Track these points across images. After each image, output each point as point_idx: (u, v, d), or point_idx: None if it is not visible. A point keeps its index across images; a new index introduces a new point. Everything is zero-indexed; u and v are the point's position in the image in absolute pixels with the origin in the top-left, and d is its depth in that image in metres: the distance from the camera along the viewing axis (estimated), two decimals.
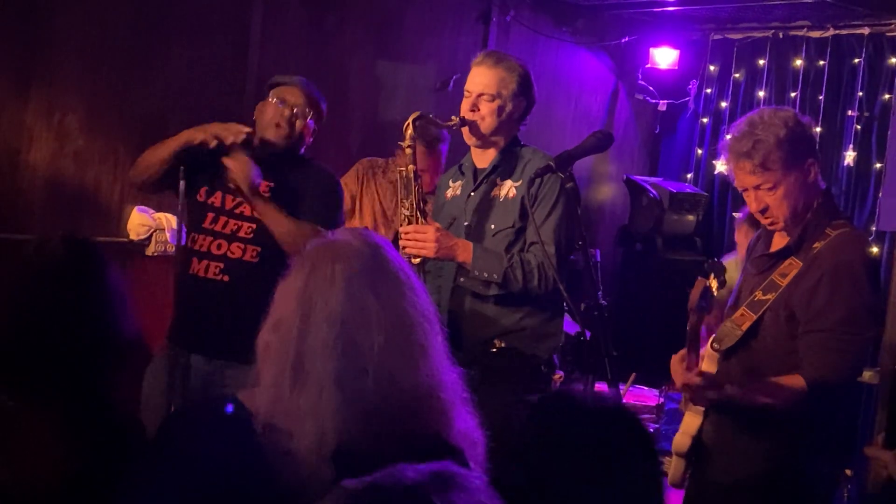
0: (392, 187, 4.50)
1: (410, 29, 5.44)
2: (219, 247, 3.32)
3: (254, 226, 3.31)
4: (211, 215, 3.34)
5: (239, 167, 3.20)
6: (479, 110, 3.23)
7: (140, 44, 4.58)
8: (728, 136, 2.79)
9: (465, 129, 3.27)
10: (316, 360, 1.64)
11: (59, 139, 4.42)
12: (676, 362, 2.72)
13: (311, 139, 3.45)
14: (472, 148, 3.35)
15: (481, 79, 3.25)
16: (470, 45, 5.62)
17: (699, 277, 2.67)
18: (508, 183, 3.23)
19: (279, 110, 3.33)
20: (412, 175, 3.22)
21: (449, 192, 3.42)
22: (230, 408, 1.68)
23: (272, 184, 3.33)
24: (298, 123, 3.36)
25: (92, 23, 4.43)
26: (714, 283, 2.63)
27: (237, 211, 3.34)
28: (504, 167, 3.26)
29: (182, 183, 3.23)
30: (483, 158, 3.32)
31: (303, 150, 3.44)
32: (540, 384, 3.29)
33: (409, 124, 3.26)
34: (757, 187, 2.71)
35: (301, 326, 1.67)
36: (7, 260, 4.06)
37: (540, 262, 3.10)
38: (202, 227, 3.34)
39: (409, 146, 3.24)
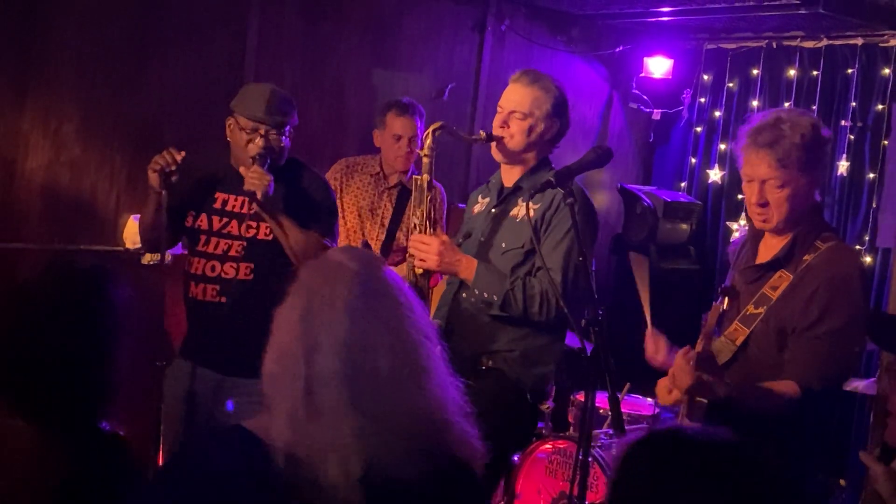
0: (373, 181, 4.55)
1: (406, 37, 5.44)
2: (212, 268, 3.35)
3: (243, 243, 3.34)
4: (203, 238, 3.37)
5: (255, 177, 3.19)
6: (508, 127, 3.20)
7: (136, 52, 4.58)
8: (748, 126, 2.75)
9: (492, 145, 3.24)
10: (327, 388, 1.63)
11: (56, 148, 4.42)
12: (682, 358, 2.62)
13: (290, 141, 3.43)
14: (502, 165, 3.32)
15: (515, 96, 3.22)
16: (465, 54, 5.65)
17: (714, 303, 2.68)
18: (528, 203, 3.14)
19: (252, 142, 3.28)
20: (426, 185, 3.20)
21: (476, 208, 3.40)
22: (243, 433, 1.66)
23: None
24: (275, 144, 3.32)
25: (88, 31, 4.43)
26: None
27: (225, 230, 3.36)
28: (527, 187, 3.21)
29: (164, 193, 3.20)
30: (510, 176, 3.30)
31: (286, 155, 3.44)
32: (520, 413, 3.27)
33: (428, 134, 3.23)
34: (764, 181, 2.69)
35: (307, 355, 1.65)
36: (3, 268, 4.07)
37: (544, 289, 3.07)
38: (196, 249, 3.38)
39: (426, 155, 3.23)
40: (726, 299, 2.70)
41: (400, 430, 1.64)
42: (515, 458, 4.08)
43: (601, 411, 4.14)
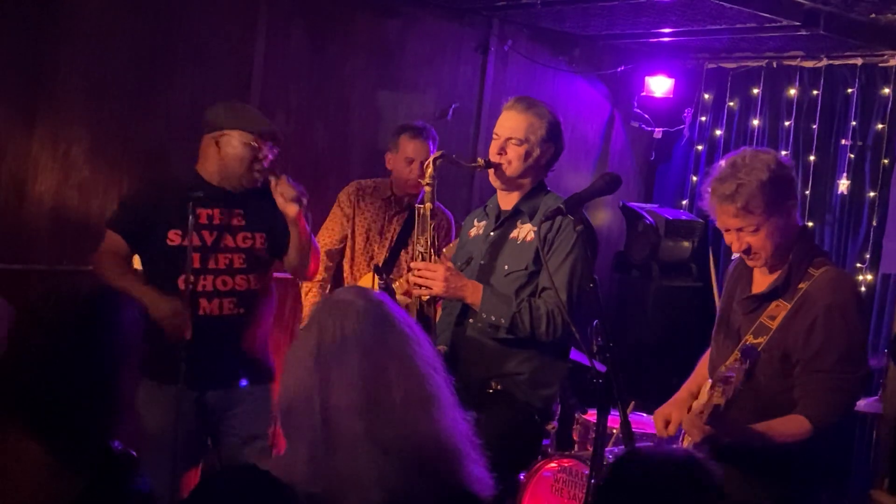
0: (384, 205, 4.58)
1: (410, 59, 5.49)
2: (224, 283, 3.39)
3: (242, 255, 3.44)
4: (197, 255, 3.35)
5: (289, 190, 3.39)
6: (506, 154, 3.25)
7: (144, 75, 4.62)
8: (709, 178, 2.80)
9: (490, 172, 3.29)
10: (343, 422, 1.67)
11: (65, 170, 4.46)
12: (694, 415, 2.66)
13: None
14: (498, 190, 3.37)
15: (510, 123, 3.28)
16: (469, 74, 5.69)
17: (728, 375, 2.69)
18: (528, 226, 3.25)
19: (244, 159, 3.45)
20: (429, 213, 3.25)
21: (472, 231, 3.45)
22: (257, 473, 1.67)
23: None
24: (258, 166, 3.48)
25: (96, 55, 4.48)
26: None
27: (221, 244, 3.41)
28: (526, 210, 3.28)
29: (191, 219, 3.27)
30: (507, 201, 3.34)
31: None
32: (529, 435, 3.33)
33: (429, 163, 3.29)
34: (739, 229, 2.75)
35: (322, 392, 1.69)
36: (14, 289, 4.12)
37: (550, 309, 3.11)
38: (195, 268, 3.34)
39: (428, 184, 3.28)
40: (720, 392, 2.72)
41: (415, 461, 1.67)
42: (521, 477, 4.10)
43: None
